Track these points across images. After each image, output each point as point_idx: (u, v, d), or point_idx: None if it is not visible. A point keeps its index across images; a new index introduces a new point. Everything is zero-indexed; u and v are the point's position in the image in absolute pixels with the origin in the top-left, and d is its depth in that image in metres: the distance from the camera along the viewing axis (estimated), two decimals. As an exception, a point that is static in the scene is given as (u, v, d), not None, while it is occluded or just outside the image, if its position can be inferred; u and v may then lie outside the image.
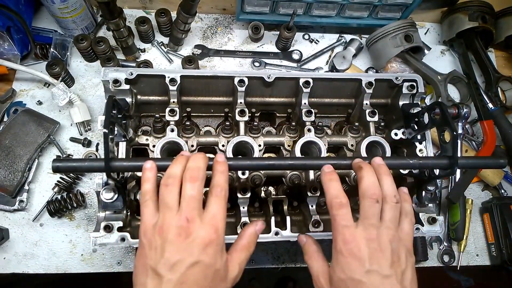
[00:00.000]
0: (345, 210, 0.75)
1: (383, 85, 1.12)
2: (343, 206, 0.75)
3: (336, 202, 0.76)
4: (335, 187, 0.78)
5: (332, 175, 0.80)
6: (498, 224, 1.31)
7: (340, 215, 0.75)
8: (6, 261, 1.16)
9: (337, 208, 0.75)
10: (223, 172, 0.78)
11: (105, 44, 1.30)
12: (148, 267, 0.69)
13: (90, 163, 0.81)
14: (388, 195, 0.77)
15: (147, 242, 0.71)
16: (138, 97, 1.08)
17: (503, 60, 1.63)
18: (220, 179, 0.77)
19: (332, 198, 0.77)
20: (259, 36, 1.47)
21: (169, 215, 0.71)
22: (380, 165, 0.82)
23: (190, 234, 0.69)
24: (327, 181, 0.80)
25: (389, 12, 1.43)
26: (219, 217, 0.73)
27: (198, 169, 0.75)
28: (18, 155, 1.18)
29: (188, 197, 0.72)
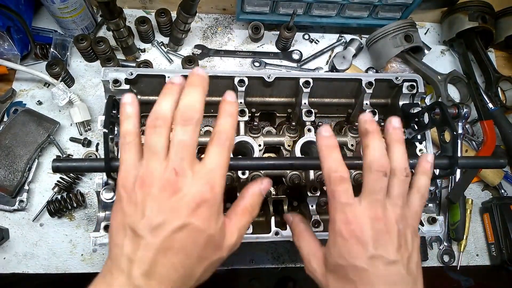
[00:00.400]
0: (347, 185, 0.63)
1: (383, 85, 1.12)
2: (344, 180, 0.63)
3: (336, 177, 0.63)
4: (334, 158, 0.64)
5: (331, 141, 0.65)
6: (498, 224, 1.31)
7: (339, 191, 0.63)
8: (6, 261, 1.16)
9: (336, 184, 0.63)
10: (231, 115, 0.63)
11: (105, 44, 1.30)
12: (127, 226, 0.56)
13: (90, 163, 0.81)
14: (398, 167, 0.64)
15: (126, 195, 0.58)
16: (138, 97, 1.08)
17: (503, 60, 1.63)
18: (225, 124, 0.62)
19: (331, 172, 0.63)
20: (259, 36, 1.47)
21: (154, 164, 0.57)
22: (395, 128, 0.68)
23: (177, 190, 0.56)
24: (325, 149, 0.65)
25: (389, 12, 1.43)
26: (218, 172, 0.60)
27: (194, 107, 0.60)
28: (18, 155, 1.18)
29: (178, 144, 0.57)
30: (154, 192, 0.56)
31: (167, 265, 0.55)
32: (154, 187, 0.56)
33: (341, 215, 0.63)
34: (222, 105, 0.64)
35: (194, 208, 0.56)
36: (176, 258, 0.56)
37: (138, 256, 0.55)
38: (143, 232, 0.55)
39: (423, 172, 0.70)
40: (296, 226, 0.78)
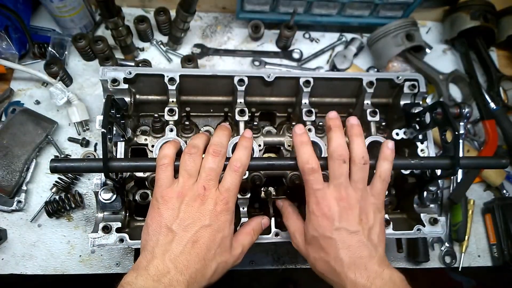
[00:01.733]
0: (317, 175, 0.78)
1: (384, 85, 1.11)
2: (315, 171, 0.78)
3: (308, 168, 0.78)
4: (306, 152, 0.80)
5: (304, 137, 0.82)
6: (500, 225, 1.30)
7: (311, 180, 0.78)
8: (4, 262, 1.15)
9: (309, 174, 0.79)
10: (246, 148, 0.81)
11: (104, 43, 1.29)
12: (163, 225, 0.74)
13: (88, 163, 0.80)
14: (356, 156, 0.79)
15: (163, 203, 0.76)
16: (136, 97, 1.07)
17: (505, 59, 1.62)
18: (241, 155, 0.80)
19: (304, 164, 0.79)
20: (259, 35, 1.46)
21: (189, 181, 0.77)
22: (353, 125, 0.84)
23: (205, 201, 0.76)
24: (299, 144, 0.81)
25: (391, 11, 1.42)
26: (231, 192, 0.78)
27: (222, 145, 0.81)
28: (16, 155, 1.17)
29: (208, 169, 0.78)
30: (187, 200, 0.76)
31: (192, 255, 0.73)
32: (187, 197, 0.76)
33: (313, 198, 0.80)
34: (241, 140, 0.84)
35: (216, 215, 0.76)
36: (200, 249, 0.74)
37: (172, 246, 0.73)
38: (177, 229, 0.74)
39: (384, 158, 0.84)
40: (285, 209, 0.94)
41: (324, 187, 0.79)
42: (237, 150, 0.81)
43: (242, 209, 0.99)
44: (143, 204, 1.04)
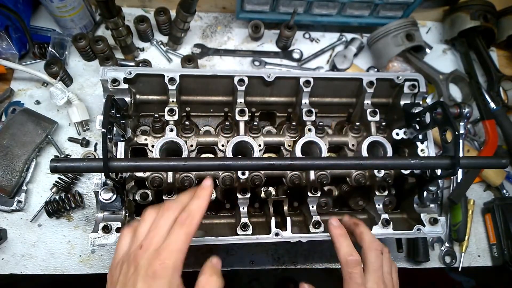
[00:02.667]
0: (360, 268, 0.77)
1: (384, 85, 1.11)
2: (359, 263, 0.77)
3: (352, 260, 0.77)
4: (348, 244, 0.80)
5: (342, 230, 0.82)
6: (500, 225, 1.30)
7: (356, 273, 0.76)
8: (4, 262, 1.15)
9: (353, 266, 0.77)
10: (200, 198, 0.72)
11: (104, 43, 1.29)
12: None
13: (88, 163, 0.80)
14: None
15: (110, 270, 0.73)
16: (137, 97, 1.07)
17: (505, 59, 1.62)
18: (192, 205, 0.71)
19: (346, 255, 0.78)
20: (259, 35, 1.46)
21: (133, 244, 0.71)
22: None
23: (137, 264, 0.65)
24: (338, 236, 0.81)
25: (391, 11, 1.42)
26: (172, 248, 0.66)
27: (191, 214, 0.71)
28: (16, 155, 1.17)
29: (153, 227, 0.70)
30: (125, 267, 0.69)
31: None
32: (125, 263, 0.70)
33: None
34: (197, 190, 0.74)
35: (148, 280, 0.64)
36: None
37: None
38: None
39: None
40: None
41: (364, 283, 0.77)
42: (192, 200, 0.72)
43: (242, 209, 0.99)
44: (143, 204, 1.05)
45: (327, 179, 1.04)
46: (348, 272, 0.76)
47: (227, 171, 1.02)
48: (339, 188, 1.17)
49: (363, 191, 1.10)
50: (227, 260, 1.23)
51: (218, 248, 1.23)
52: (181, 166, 0.83)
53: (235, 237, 0.95)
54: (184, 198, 0.73)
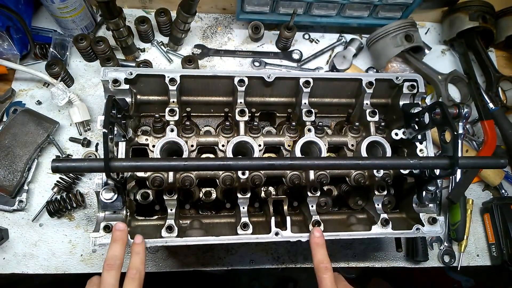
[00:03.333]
0: (330, 273, 0.87)
1: (383, 85, 1.12)
2: (329, 270, 0.87)
3: (323, 267, 0.87)
4: (322, 253, 0.90)
5: (320, 240, 0.92)
6: (498, 224, 1.31)
7: (326, 278, 0.86)
8: (5, 261, 1.15)
9: (323, 271, 0.87)
10: (138, 254, 0.86)
11: (105, 43, 1.29)
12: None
13: (89, 163, 0.81)
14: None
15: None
16: (137, 97, 1.08)
17: (503, 60, 1.63)
18: (135, 261, 0.85)
19: (319, 262, 0.88)
20: (259, 36, 1.47)
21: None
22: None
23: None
24: (315, 245, 0.91)
25: (390, 12, 1.43)
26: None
27: (115, 258, 0.84)
28: (18, 155, 1.18)
29: (105, 283, 0.81)
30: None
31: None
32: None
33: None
34: (132, 247, 0.87)
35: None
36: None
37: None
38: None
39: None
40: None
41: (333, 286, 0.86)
42: (131, 258, 0.86)
43: (242, 208, 0.99)
44: (144, 204, 1.05)
45: (327, 179, 1.04)
46: (320, 276, 0.86)
47: (227, 171, 1.03)
48: (338, 188, 1.18)
49: (363, 191, 1.11)
50: (227, 259, 1.24)
51: (218, 247, 1.24)
52: (181, 166, 0.83)
53: (235, 237, 0.96)
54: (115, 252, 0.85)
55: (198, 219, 1.09)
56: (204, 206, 1.16)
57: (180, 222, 1.05)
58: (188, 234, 1.00)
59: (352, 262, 1.28)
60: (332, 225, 1.09)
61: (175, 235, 0.93)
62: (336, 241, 1.27)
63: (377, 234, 1.00)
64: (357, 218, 1.12)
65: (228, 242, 0.95)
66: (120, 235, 0.87)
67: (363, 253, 1.29)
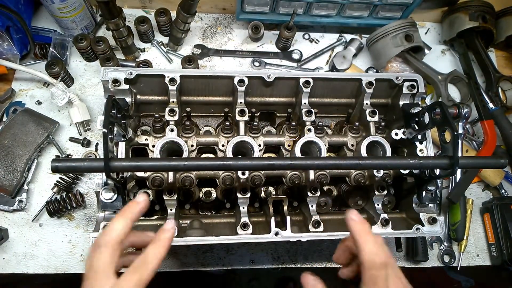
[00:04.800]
0: (387, 271, 0.63)
1: (383, 85, 1.12)
2: (385, 266, 0.63)
3: (377, 262, 0.63)
4: (374, 241, 0.65)
5: (365, 225, 0.67)
6: (498, 224, 1.31)
7: (382, 277, 0.62)
8: (5, 261, 1.15)
9: (379, 268, 0.63)
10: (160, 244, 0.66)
11: (105, 43, 1.29)
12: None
13: (89, 163, 0.81)
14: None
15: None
16: (137, 97, 1.08)
17: (503, 60, 1.63)
18: (149, 252, 0.65)
19: (372, 255, 0.63)
20: (259, 36, 1.47)
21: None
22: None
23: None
24: (361, 233, 0.66)
25: (390, 12, 1.43)
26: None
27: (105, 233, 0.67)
28: (17, 155, 1.18)
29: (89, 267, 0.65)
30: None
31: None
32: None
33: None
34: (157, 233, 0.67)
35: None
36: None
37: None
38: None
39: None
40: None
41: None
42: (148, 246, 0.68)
43: (242, 208, 0.99)
44: (144, 204, 1.05)
45: (327, 179, 1.04)
46: (372, 275, 0.62)
47: (227, 171, 1.03)
48: (338, 188, 1.18)
49: (363, 190, 1.11)
50: (227, 259, 1.24)
51: (218, 247, 1.24)
52: (181, 166, 0.83)
53: (235, 237, 0.96)
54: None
55: (198, 219, 1.09)
56: (204, 206, 1.16)
57: (180, 222, 1.05)
58: (188, 234, 1.00)
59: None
60: (332, 225, 1.09)
61: (175, 235, 0.93)
62: (336, 241, 1.27)
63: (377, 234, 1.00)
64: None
65: (228, 242, 0.95)
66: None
67: (363, 253, 1.29)
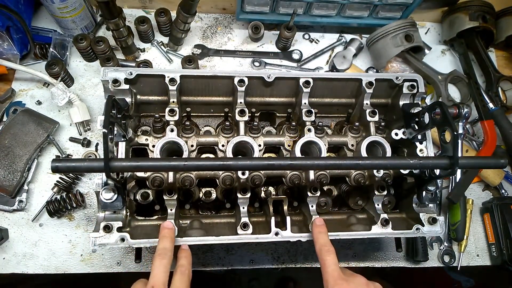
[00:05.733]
0: (333, 255, 0.86)
1: (383, 85, 1.12)
2: (331, 252, 0.87)
3: (325, 249, 0.87)
4: (324, 238, 0.91)
5: (322, 228, 0.94)
6: (498, 224, 1.31)
7: (330, 260, 0.85)
8: (5, 261, 1.15)
9: (326, 254, 0.86)
10: (187, 257, 0.91)
11: (105, 43, 1.29)
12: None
13: (89, 163, 0.81)
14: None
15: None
16: (137, 97, 1.08)
17: (503, 60, 1.63)
18: (184, 261, 0.89)
19: (321, 246, 0.89)
20: (259, 36, 1.47)
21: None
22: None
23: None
24: (317, 233, 0.93)
25: (390, 12, 1.43)
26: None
27: (166, 250, 0.87)
28: (18, 155, 1.18)
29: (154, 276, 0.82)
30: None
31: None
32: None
33: (331, 276, 0.83)
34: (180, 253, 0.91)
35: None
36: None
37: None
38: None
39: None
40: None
41: (338, 269, 0.84)
42: (179, 259, 0.89)
43: (242, 208, 0.99)
44: (144, 204, 1.05)
45: (327, 179, 1.04)
46: (323, 259, 0.86)
47: (227, 171, 1.03)
48: (338, 188, 1.18)
49: (363, 190, 1.11)
50: (227, 259, 1.24)
51: (218, 247, 1.24)
52: (181, 166, 0.83)
53: (235, 237, 0.96)
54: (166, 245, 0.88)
55: (198, 219, 1.09)
56: (204, 206, 1.16)
57: (180, 222, 1.05)
58: (188, 234, 1.00)
59: (352, 262, 1.28)
60: (332, 225, 1.09)
61: (175, 235, 0.93)
62: (336, 241, 1.27)
63: (377, 234, 1.00)
64: (357, 218, 1.12)
65: (228, 242, 0.96)
66: (168, 232, 0.90)
67: (363, 253, 1.29)
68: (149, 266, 1.20)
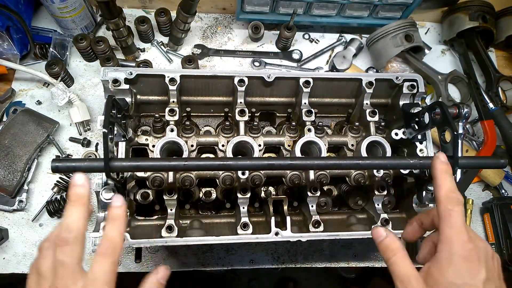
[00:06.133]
0: (462, 208, 0.68)
1: (383, 85, 1.12)
2: (461, 203, 0.68)
3: (454, 198, 0.68)
4: (452, 181, 0.71)
5: (448, 167, 0.73)
6: (498, 224, 1.31)
7: (458, 212, 0.67)
8: (5, 261, 1.15)
9: (455, 204, 0.68)
10: (116, 220, 0.65)
11: (105, 43, 1.29)
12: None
13: (89, 163, 0.81)
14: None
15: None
16: (137, 97, 1.08)
17: (503, 60, 1.63)
18: (110, 231, 0.65)
19: (449, 192, 0.69)
20: (259, 36, 1.47)
21: (43, 286, 0.62)
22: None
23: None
24: (443, 172, 0.72)
25: (390, 12, 1.43)
26: (100, 282, 0.60)
27: (70, 229, 0.64)
28: (18, 155, 1.18)
29: (58, 264, 0.62)
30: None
31: None
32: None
33: (461, 236, 0.65)
34: (108, 211, 0.67)
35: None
36: None
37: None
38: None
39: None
40: (392, 243, 0.70)
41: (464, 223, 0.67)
42: (105, 226, 0.67)
43: (242, 208, 0.99)
44: (144, 204, 1.05)
45: (327, 179, 1.04)
46: (448, 209, 0.67)
47: (227, 171, 1.03)
48: (338, 188, 1.18)
49: (363, 190, 1.11)
50: (227, 259, 1.24)
51: (218, 247, 1.24)
52: (181, 166, 0.83)
53: (235, 237, 0.96)
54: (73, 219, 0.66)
55: (198, 219, 1.09)
56: (204, 206, 1.16)
57: (180, 222, 1.05)
58: (188, 234, 1.00)
59: (352, 262, 1.28)
60: (332, 225, 1.09)
61: (175, 235, 0.93)
62: (336, 241, 1.27)
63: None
64: (357, 218, 1.12)
65: (228, 242, 0.95)
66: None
67: (363, 253, 1.29)
68: (149, 266, 1.20)
